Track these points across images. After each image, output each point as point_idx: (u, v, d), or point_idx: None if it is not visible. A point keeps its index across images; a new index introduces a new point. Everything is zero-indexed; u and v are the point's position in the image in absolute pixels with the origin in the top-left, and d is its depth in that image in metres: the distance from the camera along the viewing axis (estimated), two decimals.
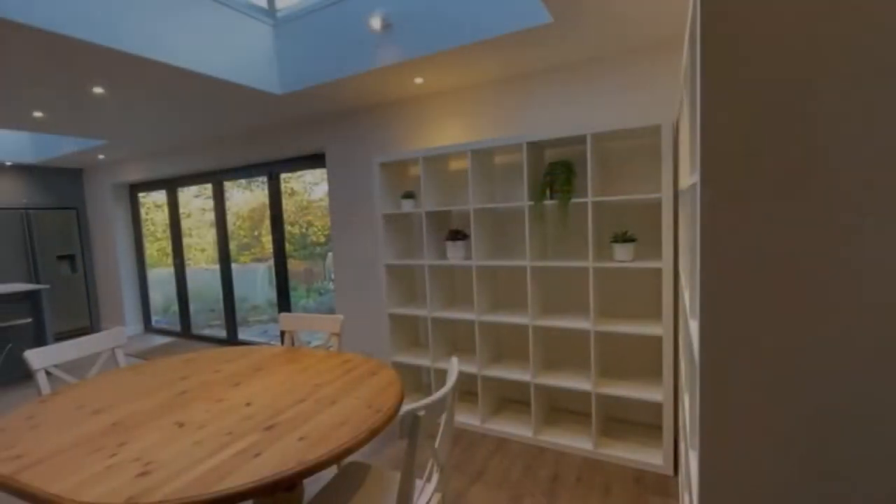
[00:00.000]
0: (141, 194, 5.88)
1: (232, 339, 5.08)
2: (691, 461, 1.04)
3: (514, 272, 2.96)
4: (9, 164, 5.28)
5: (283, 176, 4.44)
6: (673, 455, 2.23)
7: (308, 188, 4.67)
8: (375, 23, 2.49)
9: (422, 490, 1.32)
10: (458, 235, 2.77)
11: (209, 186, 5.09)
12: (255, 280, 5.18)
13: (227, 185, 4.99)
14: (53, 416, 1.51)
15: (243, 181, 4.95)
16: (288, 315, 2.34)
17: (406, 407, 1.10)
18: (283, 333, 2.41)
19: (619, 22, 2.15)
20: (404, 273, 3.21)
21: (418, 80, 2.88)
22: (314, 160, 4.08)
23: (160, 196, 5.75)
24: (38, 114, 3.32)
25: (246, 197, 5.15)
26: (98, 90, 2.82)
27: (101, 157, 5.18)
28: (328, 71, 2.80)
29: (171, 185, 5.44)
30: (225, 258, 5.02)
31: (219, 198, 4.98)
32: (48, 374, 1.85)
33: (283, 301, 4.53)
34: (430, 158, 2.81)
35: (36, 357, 1.81)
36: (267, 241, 4.86)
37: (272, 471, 1.11)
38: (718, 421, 0.80)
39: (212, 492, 1.04)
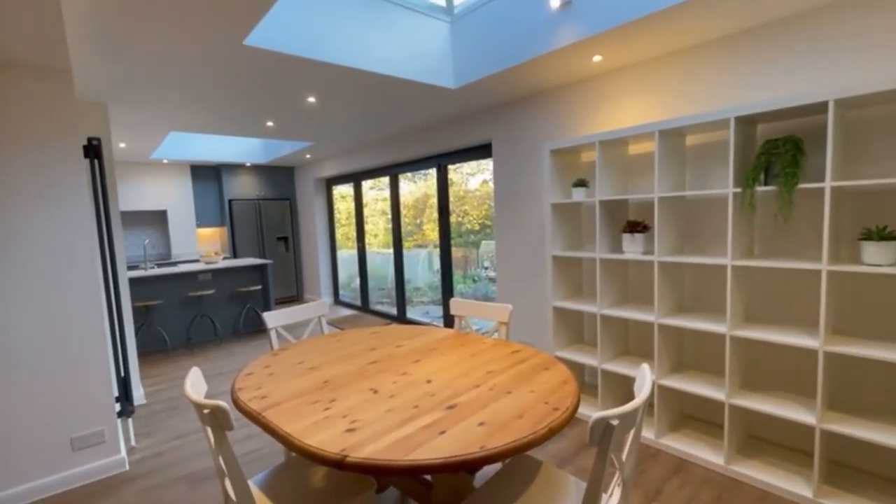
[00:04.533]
0: (334, 187, 6.93)
1: (401, 317, 5.63)
2: None
3: (706, 271, 2.54)
4: (248, 164, 6.79)
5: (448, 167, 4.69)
6: None
7: (465, 178, 4.82)
8: (554, 1, 2.37)
9: None
10: (638, 227, 2.49)
11: (385, 179, 5.69)
12: (416, 264, 5.62)
13: (400, 177, 5.50)
14: (282, 367, 1.85)
15: (409, 173, 5.39)
16: (458, 300, 2.43)
17: (597, 413, 1.01)
18: (450, 316, 2.51)
19: None
20: (571, 265, 3.05)
21: (596, 59, 2.65)
22: (480, 150, 4.18)
23: (345, 188, 6.68)
24: (269, 123, 4.14)
25: (410, 188, 5.61)
26: (311, 99, 3.36)
27: (307, 156, 6.25)
28: (501, 60, 2.79)
29: (357, 179, 6.26)
30: (397, 243, 5.56)
31: (394, 189, 5.53)
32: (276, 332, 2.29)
33: (446, 285, 4.80)
34: (607, 142, 2.58)
35: (270, 318, 2.25)
36: (428, 228, 5.20)
37: (456, 451, 1.14)
38: None
39: (406, 459, 1.11)
